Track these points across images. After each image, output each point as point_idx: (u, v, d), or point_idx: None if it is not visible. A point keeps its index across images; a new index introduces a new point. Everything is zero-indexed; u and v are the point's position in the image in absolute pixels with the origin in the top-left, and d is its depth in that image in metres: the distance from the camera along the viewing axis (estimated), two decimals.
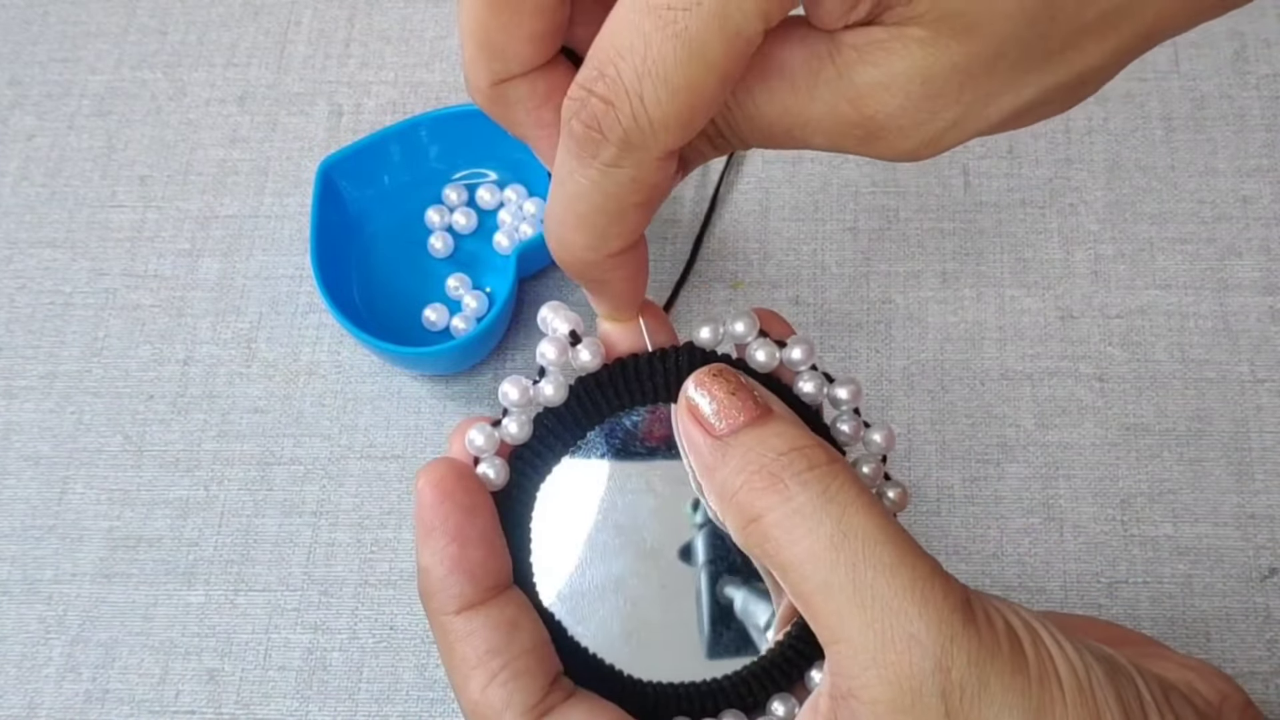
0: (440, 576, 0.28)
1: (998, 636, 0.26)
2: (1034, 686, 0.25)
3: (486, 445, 0.31)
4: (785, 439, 0.27)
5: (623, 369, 0.31)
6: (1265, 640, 0.43)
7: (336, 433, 0.49)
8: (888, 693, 0.25)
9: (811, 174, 0.52)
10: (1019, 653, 0.26)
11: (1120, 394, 0.47)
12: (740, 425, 0.28)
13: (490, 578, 0.29)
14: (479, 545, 0.29)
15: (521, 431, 0.31)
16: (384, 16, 0.57)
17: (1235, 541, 0.45)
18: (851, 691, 0.25)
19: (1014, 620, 0.27)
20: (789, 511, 0.26)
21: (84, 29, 0.58)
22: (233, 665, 0.45)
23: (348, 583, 0.46)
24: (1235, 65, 0.53)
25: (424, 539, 0.29)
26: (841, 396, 0.32)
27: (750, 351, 0.31)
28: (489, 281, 0.51)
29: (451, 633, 0.28)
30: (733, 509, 0.27)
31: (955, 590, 0.26)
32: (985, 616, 0.26)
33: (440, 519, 0.28)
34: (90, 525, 0.47)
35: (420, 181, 0.51)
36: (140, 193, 0.54)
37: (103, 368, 0.50)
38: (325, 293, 0.47)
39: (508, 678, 0.28)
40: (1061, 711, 0.25)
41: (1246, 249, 0.50)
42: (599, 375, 0.32)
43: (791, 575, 0.27)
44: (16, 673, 0.45)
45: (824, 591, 0.26)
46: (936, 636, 0.25)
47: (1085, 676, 0.26)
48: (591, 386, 0.31)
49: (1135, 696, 0.27)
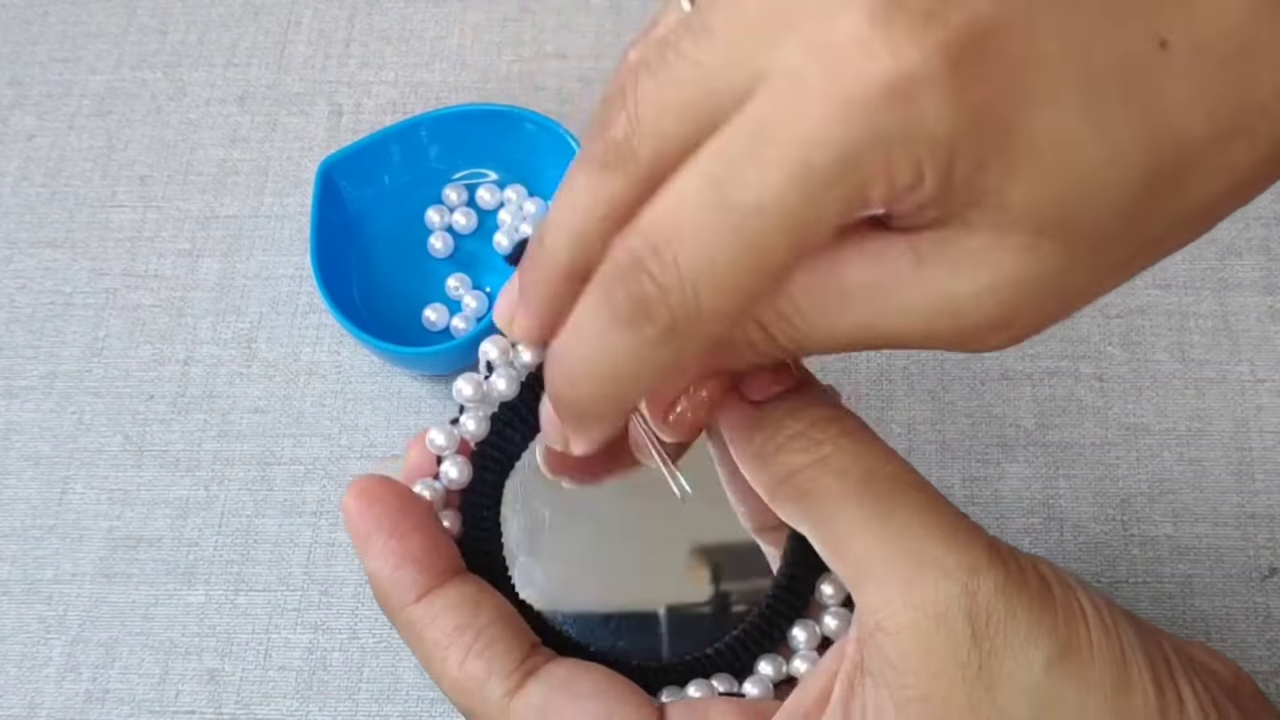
0: (389, 574, 0.28)
1: (1025, 573, 0.26)
2: (1060, 622, 0.25)
3: (447, 444, 0.31)
4: (818, 408, 0.28)
5: None
6: (1265, 640, 0.43)
7: (336, 433, 0.49)
8: (913, 617, 0.25)
9: None
10: (1046, 590, 0.26)
11: (1120, 394, 0.47)
12: (774, 394, 0.28)
13: (439, 563, 0.29)
14: (418, 535, 0.29)
15: (479, 428, 0.31)
16: (384, 16, 0.57)
17: (1235, 541, 0.45)
18: (879, 625, 0.25)
19: (1042, 566, 0.27)
20: (818, 462, 0.27)
21: (84, 29, 0.58)
22: (233, 665, 0.45)
23: (348, 583, 0.46)
24: None
25: (363, 547, 0.29)
26: None
27: None
28: (489, 281, 0.51)
29: (416, 622, 0.28)
30: (766, 470, 0.28)
31: (981, 532, 0.26)
32: (1013, 556, 0.26)
33: (372, 522, 0.28)
34: (90, 525, 0.47)
35: (420, 181, 0.51)
36: (140, 193, 0.54)
37: (103, 368, 0.50)
38: (325, 293, 0.47)
39: (482, 647, 0.28)
40: (1088, 650, 0.25)
41: (1246, 249, 0.50)
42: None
43: (821, 525, 0.27)
44: (16, 673, 0.45)
45: (851, 532, 0.26)
46: (962, 562, 0.25)
47: (1112, 625, 0.26)
48: (541, 376, 0.32)
49: (1161, 656, 0.26)
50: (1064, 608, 0.26)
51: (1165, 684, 0.26)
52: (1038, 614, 0.25)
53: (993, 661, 0.25)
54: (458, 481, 0.31)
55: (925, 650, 0.25)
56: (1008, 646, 0.25)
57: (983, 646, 0.25)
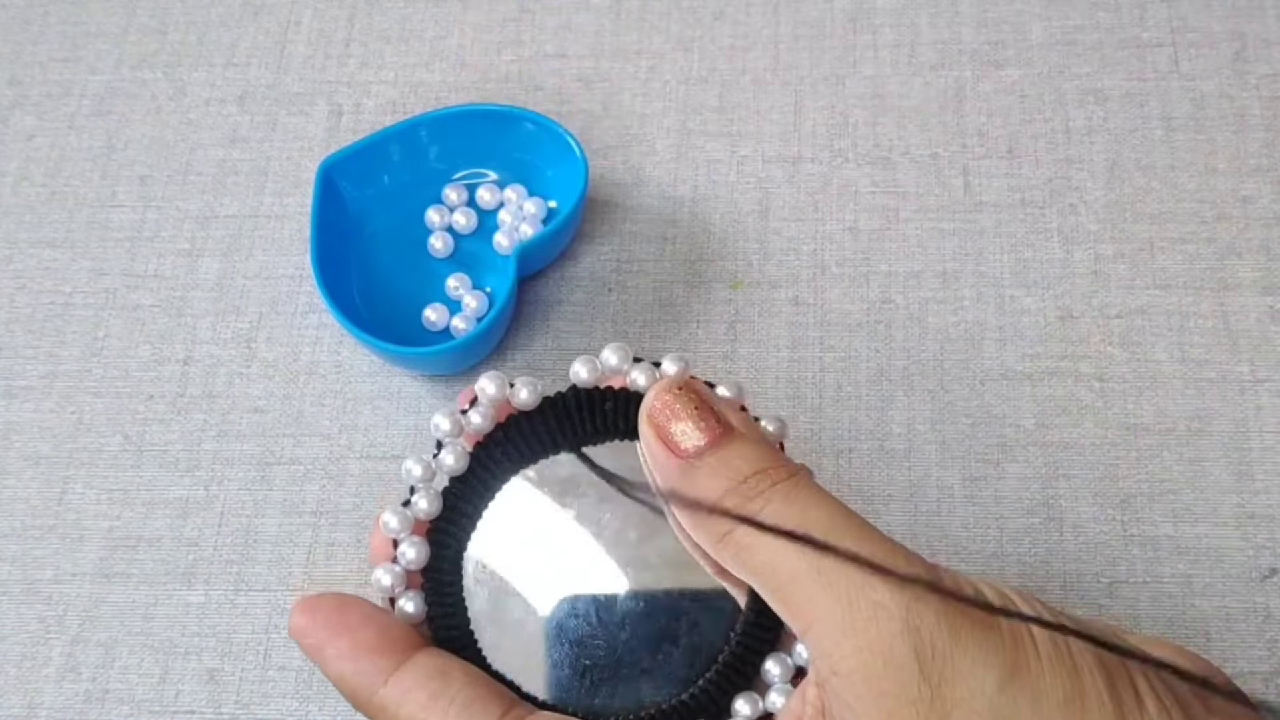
0: (351, 669, 0.29)
1: (965, 597, 0.26)
2: (1007, 642, 0.26)
3: (400, 526, 0.31)
4: (749, 461, 0.29)
5: (516, 425, 0.32)
6: (1265, 640, 0.43)
7: (336, 433, 0.49)
8: (861, 659, 0.26)
9: (811, 174, 0.52)
10: (989, 611, 0.26)
11: (1120, 394, 0.47)
12: (705, 447, 0.29)
13: (396, 645, 0.29)
14: (368, 627, 0.29)
15: (431, 506, 0.32)
16: (384, 16, 0.57)
17: (1235, 541, 0.45)
18: (832, 669, 0.26)
19: (981, 585, 0.27)
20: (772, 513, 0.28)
21: (84, 29, 0.58)
22: (233, 665, 0.45)
23: (348, 583, 0.46)
24: (1235, 65, 0.53)
25: (321, 656, 0.29)
26: (769, 429, 0.33)
27: (631, 379, 0.32)
28: (489, 281, 0.51)
29: (390, 704, 0.29)
30: (705, 527, 0.29)
31: (917, 560, 0.27)
32: (951, 580, 0.27)
33: (322, 629, 0.29)
34: (90, 525, 0.47)
35: (420, 181, 0.51)
36: (140, 193, 0.54)
37: (103, 368, 0.50)
38: (325, 293, 0.47)
39: (459, 709, 0.28)
40: (1036, 664, 0.26)
41: (1246, 249, 0.50)
42: (493, 435, 0.32)
43: (764, 577, 0.28)
44: (16, 673, 0.45)
45: (792, 581, 0.27)
46: (900, 599, 0.26)
47: (1060, 637, 0.26)
48: (489, 447, 0.32)
49: (1117, 660, 0.27)
50: (1008, 626, 0.26)
51: (1121, 686, 0.26)
52: (982, 636, 0.26)
53: (944, 690, 0.25)
54: (416, 561, 0.31)
55: (877, 691, 0.25)
56: (956, 674, 0.25)
57: (931, 679, 0.25)
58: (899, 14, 0.55)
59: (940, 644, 0.25)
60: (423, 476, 0.32)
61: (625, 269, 0.51)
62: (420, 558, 0.31)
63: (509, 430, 0.32)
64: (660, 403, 0.30)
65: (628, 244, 0.51)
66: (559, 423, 0.32)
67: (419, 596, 0.32)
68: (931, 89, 0.54)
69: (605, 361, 0.32)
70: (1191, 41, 0.54)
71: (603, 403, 0.32)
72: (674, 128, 0.54)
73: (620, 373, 0.33)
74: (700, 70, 0.55)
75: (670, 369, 0.32)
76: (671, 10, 0.56)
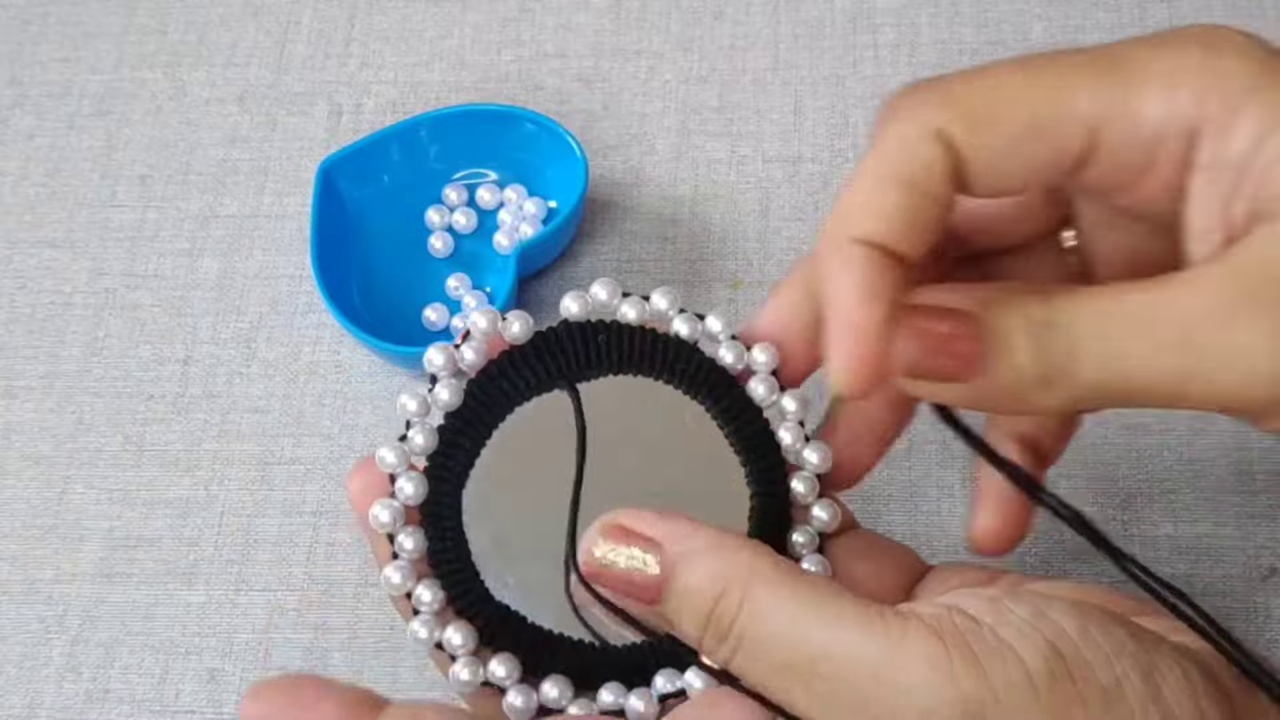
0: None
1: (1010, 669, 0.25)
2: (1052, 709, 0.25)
3: (398, 461, 0.31)
4: (699, 598, 0.27)
5: (509, 360, 0.32)
6: (1265, 640, 0.43)
7: (336, 433, 0.49)
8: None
9: (812, 174, 0.52)
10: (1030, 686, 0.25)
11: None
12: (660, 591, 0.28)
13: (361, 709, 0.28)
14: (324, 700, 0.28)
15: (428, 441, 0.31)
16: (384, 16, 0.57)
17: (1235, 541, 0.45)
18: None
19: (957, 618, 0.26)
20: (739, 662, 0.27)
21: (84, 29, 0.58)
22: (233, 665, 0.45)
23: (348, 583, 0.46)
24: None
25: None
26: (760, 360, 0.33)
27: (621, 313, 0.33)
28: (489, 281, 0.51)
29: None
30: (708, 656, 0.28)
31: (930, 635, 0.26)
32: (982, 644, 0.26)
33: (278, 714, 0.28)
34: (90, 525, 0.47)
35: (420, 181, 0.51)
36: (140, 193, 0.54)
37: (103, 368, 0.50)
38: (325, 293, 0.47)
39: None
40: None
41: None
42: (487, 370, 0.32)
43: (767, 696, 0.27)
44: (16, 673, 0.45)
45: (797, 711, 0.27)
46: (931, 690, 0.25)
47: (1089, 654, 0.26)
48: (483, 382, 0.32)
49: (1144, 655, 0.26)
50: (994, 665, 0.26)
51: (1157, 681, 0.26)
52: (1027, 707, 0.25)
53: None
54: (414, 497, 0.31)
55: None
56: None
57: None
58: (899, 14, 0.55)
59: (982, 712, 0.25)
60: (418, 411, 0.32)
61: (625, 269, 0.51)
62: (419, 493, 0.31)
63: (502, 365, 0.32)
64: (596, 561, 0.29)
65: (628, 244, 0.51)
66: (552, 356, 0.32)
67: (418, 532, 0.31)
68: None
69: (594, 296, 0.33)
70: None
71: (594, 335, 0.32)
72: (674, 128, 0.54)
73: (609, 309, 0.33)
74: (700, 70, 0.55)
75: (660, 303, 0.32)
76: (671, 10, 0.56)
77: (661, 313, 0.33)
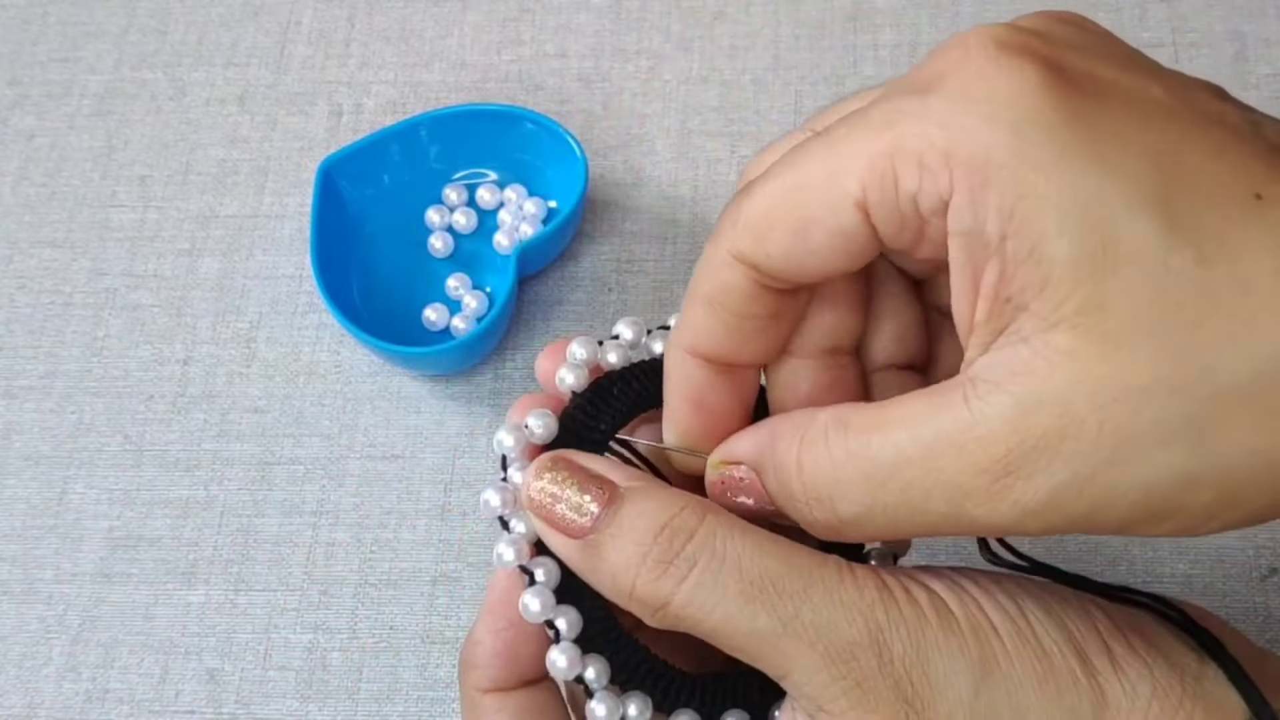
0: (487, 654, 0.29)
1: (921, 608, 0.26)
2: (970, 642, 0.26)
3: (503, 503, 0.30)
4: (650, 518, 0.27)
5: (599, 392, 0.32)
6: (1265, 640, 0.43)
7: (336, 433, 0.49)
8: (847, 697, 0.26)
9: None
10: (947, 614, 0.26)
11: None
12: (599, 519, 0.28)
13: (527, 672, 0.30)
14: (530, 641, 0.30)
15: None
16: (384, 16, 0.57)
17: (1235, 541, 0.45)
18: (820, 707, 0.26)
19: (935, 585, 0.27)
20: (689, 589, 0.27)
21: (84, 29, 0.58)
22: (233, 665, 0.45)
23: (348, 583, 0.46)
24: (1235, 65, 0.53)
25: (487, 613, 0.30)
26: None
27: None
28: (489, 281, 0.51)
29: (480, 708, 0.30)
30: (634, 604, 0.27)
31: (867, 580, 0.26)
32: (905, 593, 0.26)
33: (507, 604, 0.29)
34: (90, 525, 0.47)
35: (420, 181, 0.51)
36: (140, 193, 0.54)
37: (103, 368, 0.50)
38: (325, 293, 0.47)
39: None
40: (1005, 658, 0.26)
41: None
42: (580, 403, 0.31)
43: (720, 638, 0.27)
44: (16, 673, 0.45)
45: (756, 639, 0.26)
46: (866, 631, 0.26)
47: (1022, 619, 0.26)
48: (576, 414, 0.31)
49: (1089, 626, 0.27)
50: (968, 624, 0.26)
51: (1094, 654, 0.26)
52: (947, 642, 0.26)
53: (926, 713, 0.25)
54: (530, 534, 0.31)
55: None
56: (934, 693, 0.25)
57: (915, 705, 0.25)
58: (899, 14, 0.55)
59: (914, 669, 0.25)
60: (514, 447, 0.31)
61: (625, 269, 0.51)
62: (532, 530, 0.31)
63: (595, 398, 0.31)
64: (535, 491, 0.28)
65: (628, 244, 0.51)
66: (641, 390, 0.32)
67: (549, 563, 0.30)
68: None
69: (622, 336, 0.32)
70: (1191, 41, 0.54)
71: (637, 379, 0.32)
72: (674, 128, 0.54)
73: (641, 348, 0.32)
74: (700, 70, 0.55)
75: (626, 333, 0.32)
76: (671, 10, 0.56)
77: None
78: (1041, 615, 0.27)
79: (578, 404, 0.31)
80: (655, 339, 0.32)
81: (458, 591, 0.45)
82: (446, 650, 0.44)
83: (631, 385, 0.32)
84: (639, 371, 0.32)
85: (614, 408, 0.31)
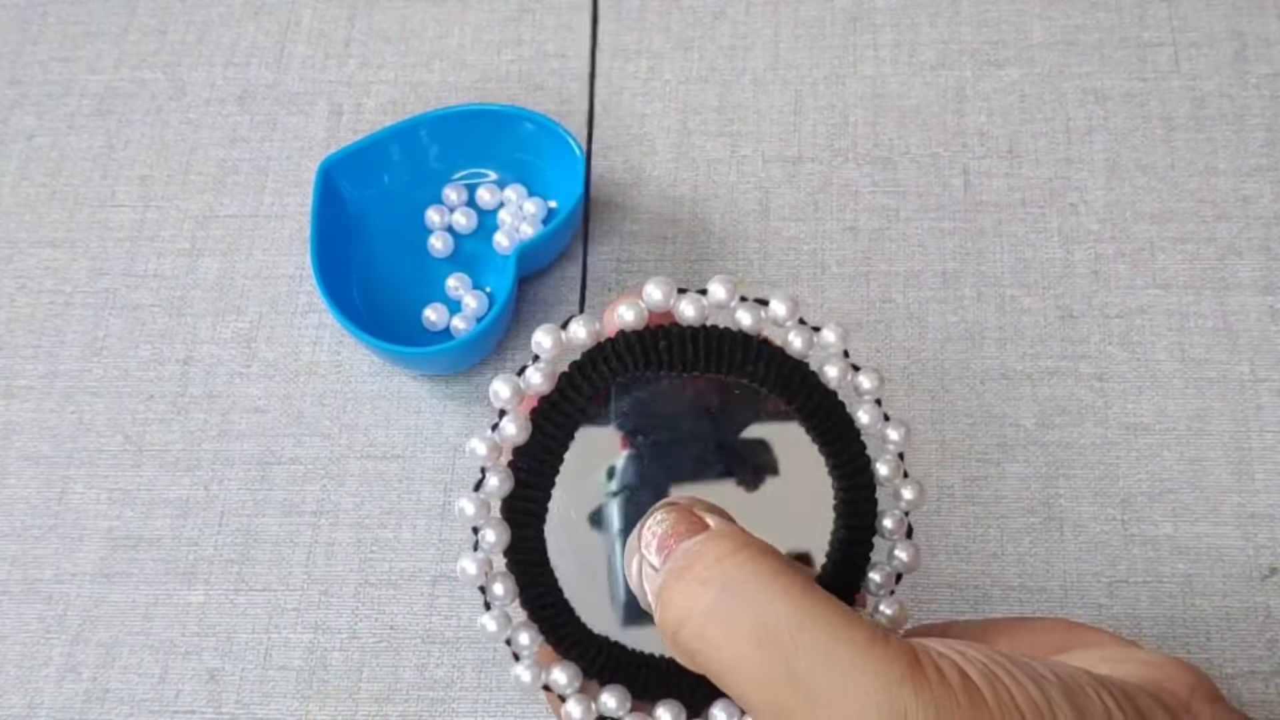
0: None
1: (953, 690, 0.25)
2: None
3: (477, 513, 0.31)
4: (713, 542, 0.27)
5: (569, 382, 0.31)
6: (1265, 640, 0.43)
7: (336, 433, 0.49)
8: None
9: (812, 174, 0.52)
10: (978, 698, 0.25)
11: (1120, 394, 0.47)
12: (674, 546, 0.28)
13: None
14: None
15: (503, 485, 0.31)
16: (384, 16, 0.57)
17: (1235, 541, 0.45)
18: None
19: (966, 666, 0.26)
20: (702, 614, 0.26)
21: (84, 29, 0.58)
22: (233, 665, 0.45)
23: (348, 583, 0.46)
24: (1235, 65, 0.53)
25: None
26: (865, 386, 0.33)
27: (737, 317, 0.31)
28: (489, 281, 0.51)
29: None
30: (661, 627, 0.27)
31: (898, 653, 0.25)
32: (936, 672, 0.25)
33: None
34: (90, 525, 0.48)
35: (420, 181, 0.51)
36: (140, 193, 0.54)
37: (103, 368, 0.50)
38: (325, 293, 0.47)
39: None
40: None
41: (1246, 249, 0.50)
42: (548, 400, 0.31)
43: (727, 680, 0.26)
44: (16, 673, 0.45)
45: (763, 688, 0.25)
46: (890, 713, 0.24)
47: (1047, 708, 0.26)
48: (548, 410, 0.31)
49: (1103, 713, 0.26)
50: (998, 711, 0.25)
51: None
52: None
53: None
54: (496, 545, 0.31)
55: None
56: None
57: None
58: (899, 14, 0.55)
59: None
60: (488, 457, 0.31)
61: (625, 269, 0.51)
62: (501, 540, 0.31)
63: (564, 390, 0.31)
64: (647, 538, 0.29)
65: (628, 244, 0.51)
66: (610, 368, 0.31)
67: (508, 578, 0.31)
68: (931, 89, 0.54)
69: (649, 297, 0.31)
70: (1192, 41, 0.54)
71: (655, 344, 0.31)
72: (674, 128, 0.54)
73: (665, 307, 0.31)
74: (700, 70, 0.55)
75: (718, 292, 0.31)
76: (671, 10, 0.56)
77: (722, 303, 0.31)
78: (1065, 706, 0.26)
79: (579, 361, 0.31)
80: (682, 299, 0.31)
81: (458, 591, 0.45)
82: (446, 650, 0.44)
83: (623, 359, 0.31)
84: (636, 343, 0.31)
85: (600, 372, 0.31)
